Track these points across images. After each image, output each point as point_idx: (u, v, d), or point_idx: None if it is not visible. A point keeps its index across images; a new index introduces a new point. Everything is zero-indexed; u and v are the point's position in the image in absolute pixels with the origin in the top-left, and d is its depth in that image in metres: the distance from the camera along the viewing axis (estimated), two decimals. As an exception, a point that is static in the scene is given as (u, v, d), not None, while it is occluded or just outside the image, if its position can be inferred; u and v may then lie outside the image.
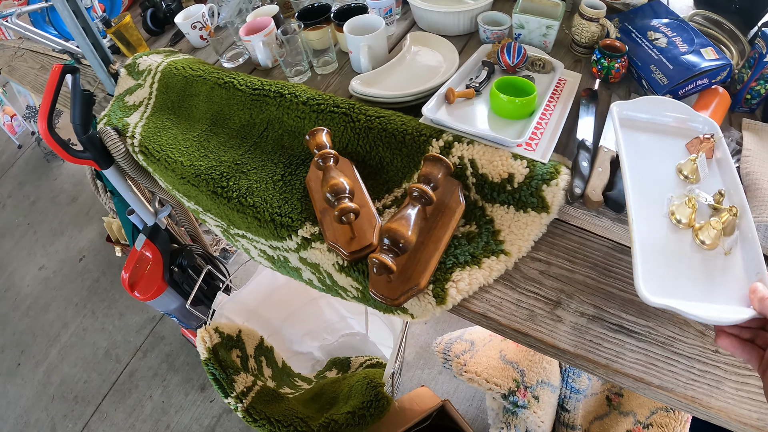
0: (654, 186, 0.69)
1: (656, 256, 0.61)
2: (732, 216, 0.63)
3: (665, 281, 0.59)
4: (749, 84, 0.86)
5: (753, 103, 0.89)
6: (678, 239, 0.64)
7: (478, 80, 0.90)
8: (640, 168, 0.69)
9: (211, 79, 1.08)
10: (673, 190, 0.68)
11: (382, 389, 1.03)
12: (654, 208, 0.66)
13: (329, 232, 0.75)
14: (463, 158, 0.77)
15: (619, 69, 0.91)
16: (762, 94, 0.87)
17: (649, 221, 0.65)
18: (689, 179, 0.69)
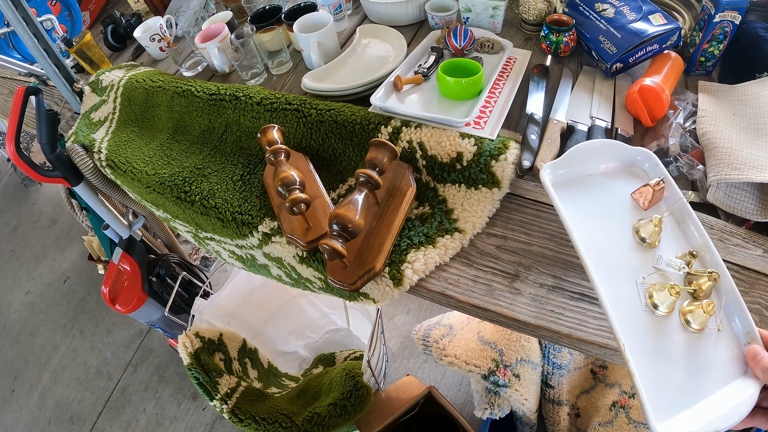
0: (616, 261, 0.60)
1: (654, 367, 0.54)
2: (713, 281, 0.57)
3: (670, 396, 0.53)
4: (702, 46, 0.87)
5: (708, 65, 0.90)
6: (664, 332, 0.57)
7: (426, 65, 0.92)
8: (594, 242, 0.61)
9: (171, 88, 1.09)
10: (640, 267, 0.60)
11: (360, 378, 1.04)
12: (626, 299, 0.58)
13: (286, 225, 0.77)
14: (412, 142, 0.79)
15: (567, 43, 0.93)
16: (716, 55, 0.88)
17: (630, 320, 0.57)
18: (648, 243, 0.62)
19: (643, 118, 0.82)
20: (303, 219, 0.74)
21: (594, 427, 1.25)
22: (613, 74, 0.89)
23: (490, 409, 1.18)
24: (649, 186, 0.64)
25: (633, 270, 0.60)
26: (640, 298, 0.58)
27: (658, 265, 0.61)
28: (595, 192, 0.67)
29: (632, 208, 0.66)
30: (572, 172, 0.67)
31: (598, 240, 0.61)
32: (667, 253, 0.62)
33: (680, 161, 0.77)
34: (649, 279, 0.59)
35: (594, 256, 0.58)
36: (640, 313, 0.57)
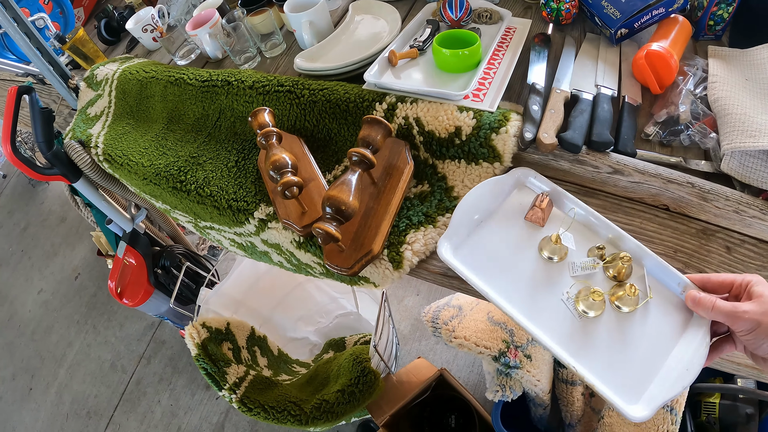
0: (538, 290, 0.63)
1: (610, 365, 0.56)
2: (627, 263, 0.61)
3: (634, 380, 0.55)
4: (710, 9, 0.83)
5: (717, 30, 0.86)
6: (605, 328, 0.59)
7: (421, 39, 0.88)
8: (514, 286, 0.63)
9: (164, 78, 1.07)
10: (560, 283, 0.63)
11: (368, 364, 1.03)
12: (560, 319, 0.60)
13: (281, 210, 0.74)
14: (408, 118, 0.76)
15: (569, 9, 0.89)
16: (725, 18, 0.83)
17: (571, 336, 0.59)
18: (558, 258, 0.65)
19: (651, 84, 0.78)
20: (297, 203, 0.71)
21: (608, 407, 1.23)
22: (618, 40, 0.85)
23: (502, 391, 1.15)
24: (536, 207, 0.67)
25: (555, 289, 0.63)
26: (572, 312, 0.61)
27: (574, 273, 0.64)
28: (495, 237, 0.68)
29: (532, 230, 0.68)
30: (465, 232, 0.67)
31: (515, 280, 0.64)
32: (578, 257, 0.65)
33: (692, 129, 0.73)
34: (572, 291, 0.62)
35: (518, 300, 0.62)
36: (577, 326, 0.60)
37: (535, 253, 0.66)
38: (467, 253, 0.66)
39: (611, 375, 0.55)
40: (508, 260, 0.66)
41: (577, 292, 0.61)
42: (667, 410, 1.12)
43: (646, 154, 0.73)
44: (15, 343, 2.29)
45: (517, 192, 0.72)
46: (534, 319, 0.60)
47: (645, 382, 0.55)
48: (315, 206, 0.73)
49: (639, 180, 0.70)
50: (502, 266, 0.65)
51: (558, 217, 0.69)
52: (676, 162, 0.72)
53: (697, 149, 0.73)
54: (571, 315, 0.60)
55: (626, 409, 0.53)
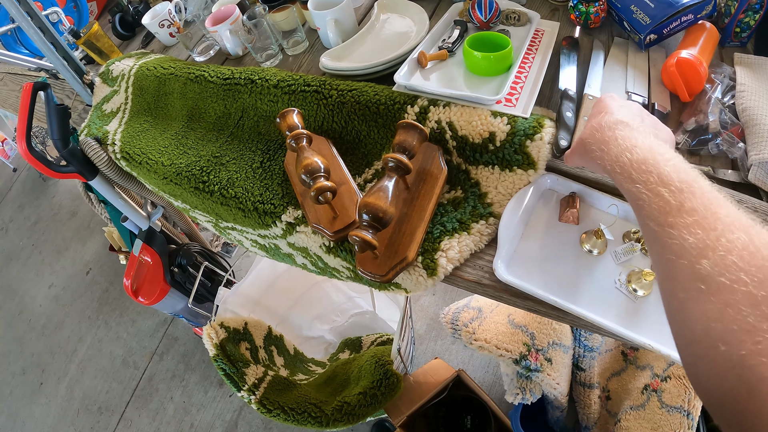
0: (592, 285, 0.66)
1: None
2: None
3: None
4: (737, 16, 0.82)
5: (743, 36, 0.85)
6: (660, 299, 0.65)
7: (450, 40, 0.87)
8: (572, 288, 0.66)
9: (183, 75, 1.06)
10: (610, 272, 0.67)
11: (390, 367, 1.02)
12: (622, 306, 0.64)
13: (311, 214, 0.73)
14: (441, 122, 0.74)
15: (598, 13, 0.87)
16: (752, 25, 0.83)
17: (641, 319, 0.63)
18: (599, 251, 0.69)
19: (681, 92, 0.78)
20: (329, 207, 0.70)
21: (625, 411, 1.22)
22: (647, 46, 0.84)
23: (522, 394, 1.15)
24: (570, 208, 0.70)
25: (606, 280, 0.67)
26: (627, 296, 0.65)
27: (619, 261, 0.68)
28: (537, 244, 0.71)
29: (568, 230, 0.71)
30: (511, 248, 0.70)
31: (570, 281, 0.67)
32: (617, 245, 0.69)
33: (720, 138, 0.72)
34: (622, 277, 0.66)
35: (582, 300, 0.65)
36: (635, 307, 0.64)
37: (578, 251, 0.69)
38: (520, 268, 0.68)
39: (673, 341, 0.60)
40: (556, 263, 0.68)
41: (627, 276, 0.65)
42: (684, 414, 1.12)
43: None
44: (25, 337, 2.29)
45: (542, 197, 0.74)
46: (603, 314, 0.63)
47: None
48: (346, 210, 0.71)
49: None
50: (554, 270, 0.68)
51: (587, 216, 0.72)
52: (704, 171, 0.72)
53: (724, 158, 0.73)
54: (627, 299, 0.64)
55: None
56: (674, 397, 1.13)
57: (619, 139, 0.49)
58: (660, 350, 0.59)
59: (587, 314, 0.63)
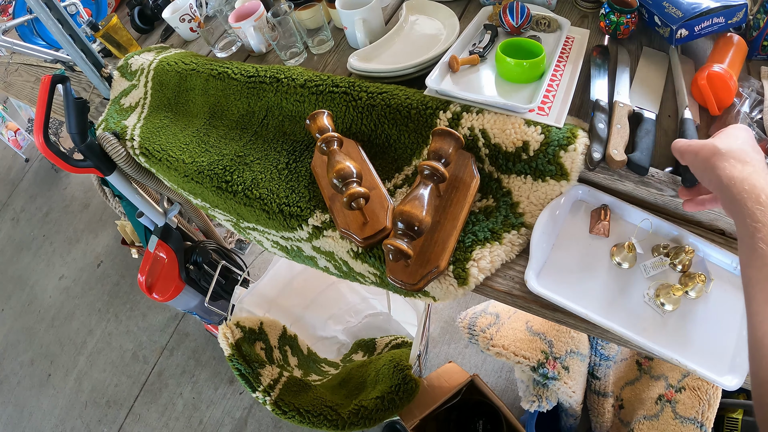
0: (623, 299, 0.67)
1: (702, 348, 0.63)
2: (690, 254, 0.66)
3: (716, 357, 0.62)
4: (766, 30, 0.82)
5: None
6: (688, 314, 0.65)
7: (481, 45, 0.86)
8: (603, 301, 0.67)
9: (205, 71, 1.05)
10: (638, 285, 0.68)
11: (409, 372, 1.01)
12: (649, 320, 0.65)
13: (340, 219, 0.72)
14: (474, 129, 0.73)
15: (628, 25, 0.86)
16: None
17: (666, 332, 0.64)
18: (629, 264, 0.69)
19: (711, 106, 0.77)
20: (360, 213, 0.69)
21: (639, 420, 1.22)
22: (677, 41, 0.83)
23: (538, 401, 1.14)
24: (602, 220, 0.70)
25: (635, 293, 0.67)
26: (655, 310, 0.65)
27: (648, 275, 0.68)
28: (567, 255, 0.71)
29: (598, 242, 0.72)
30: (543, 260, 0.69)
31: (601, 294, 0.67)
32: (647, 259, 0.69)
33: None
34: (650, 291, 0.66)
35: (612, 313, 0.65)
36: (663, 321, 0.64)
37: (608, 263, 0.69)
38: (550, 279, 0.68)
39: (699, 355, 0.61)
40: (586, 275, 0.69)
41: (656, 291, 0.66)
42: (697, 426, 1.11)
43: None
44: (35, 328, 2.29)
45: (572, 208, 0.74)
46: (631, 328, 0.63)
47: (727, 354, 0.61)
48: (376, 216, 0.71)
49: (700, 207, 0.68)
50: (584, 283, 0.68)
51: (617, 229, 0.72)
52: None
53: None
54: (655, 313, 0.65)
55: (721, 380, 0.58)
56: (688, 409, 1.13)
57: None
58: (686, 365, 0.60)
59: (617, 328, 0.63)
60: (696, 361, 0.60)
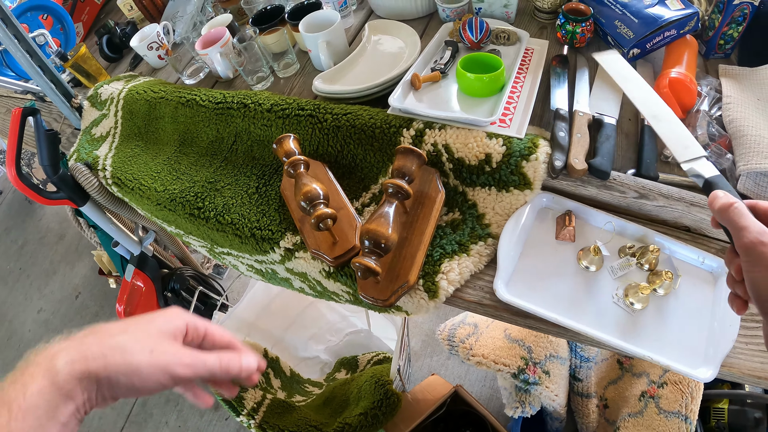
0: (592, 302, 0.68)
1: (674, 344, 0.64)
2: (656, 253, 0.68)
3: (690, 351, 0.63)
4: (721, 29, 0.85)
5: (727, 48, 0.87)
6: (657, 311, 0.67)
7: (442, 62, 0.88)
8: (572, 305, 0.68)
9: (174, 99, 1.06)
10: (606, 287, 0.69)
11: (390, 386, 1.02)
12: (620, 321, 0.66)
13: (310, 240, 0.73)
14: (437, 144, 0.75)
15: (584, 33, 0.89)
16: (735, 37, 0.85)
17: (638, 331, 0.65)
18: (596, 267, 0.71)
19: (676, 111, 0.79)
20: (329, 233, 0.70)
21: (624, 418, 1.23)
22: (631, 60, 0.86)
23: (521, 407, 1.15)
24: (567, 226, 0.72)
25: (603, 295, 0.69)
26: (625, 310, 0.67)
27: (615, 276, 0.70)
28: (535, 262, 0.72)
29: (564, 248, 0.73)
30: (511, 268, 0.71)
31: (570, 298, 0.69)
32: (613, 260, 0.71)
33: (708, 150, 0.74)
34: (619, 291, 0.68)
35: (582, 316, 0.66)
36: (633, 320, 0.66)
37: (575, 268, 0.71)
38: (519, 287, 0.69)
39: (671, 351, 0.62)
40: (554, 281, 0.70)
41: (624, 291, 0.67)
42: (682, 419, 1.13)
43: (668, 177, 0.74)
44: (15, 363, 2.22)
45: (538, 216, 0.75)
46: (603, 329, 0.64)
47: (699, 347, 0.62)
48: (345, 236, 0.72)
49: (664, 204, 0.70)
50: (553, 288, 0.69)
51: (582, 233, 0.74)
52: (694, 183, 0.73)
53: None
54: (625, 312, 0.66)
55: (695, 373, 0.59)
56: (671, 403, 1.14)
57: None
58: (659, 361, 0.61)
59: (588, 330, 0.64)
60: (669, 356, 0.61)
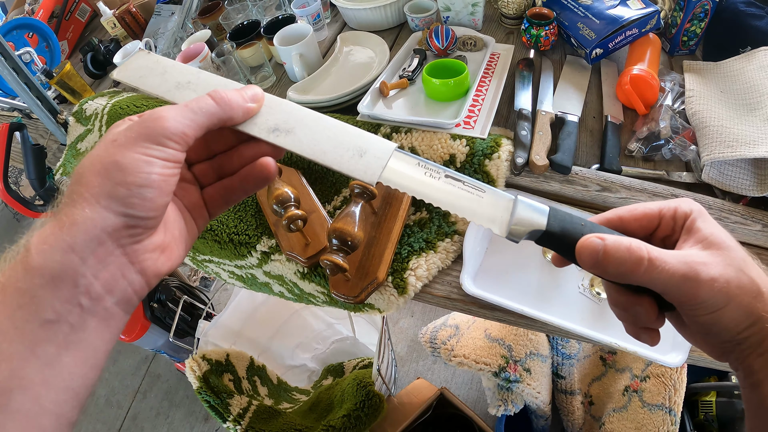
0: (557, 292, 0.71)
1: None
2: None
3: None
4: (683, 26, 0.88)
5: (691, 45, 0.90)
6: None
7: (410, 69, 0.91)
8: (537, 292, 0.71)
9: (155, 112, 1.08)
10: (571, 279, 0.71)
11: (372, 387, 1.04)
12: (587, 309, 0.68)
13: (284, 242, 0.76)
14: (404, 147, 0.78)
15: (548, 36, 0.92)
16: (698, 33, 0.88)
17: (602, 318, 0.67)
18: None
19: (638, 107, 0.82)
20: (301, 235, 0.73)
21: (608, 414, 1.25)
22: (594, 60, 0.89)
23: (504, 405, 1.17)
24: None
25: (569, 285, 0.71)
26: (591, 299, 0.69)
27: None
28: (502, 257, 0.75)
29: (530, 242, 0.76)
30: (477, 262, 0.73)
31: (537, 290, 0.72)
32: None
33: (672, 143, 0.77)
34: (585, 281, 0.71)
35: (549, 307, 0.68)
36: (599, 308, 0.68)
37: (541, 261, 0.74)
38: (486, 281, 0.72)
39: None
40: (521, 274, 0.73)
41: (590, 281, 0.70)
42: (666, 411, 1.15)
43: (631, 170, 0.77)
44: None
45: None
46: (570, 318, 0.65)
47: (668, 334, 0.62)
48: (317, 237, 0.74)
49: (626, 196, 0.73)
50: (520, 281, 0.72)
51: None
52: (659, 176, 0.76)
53: (678, 162, 0.78)
54: (591, 302, 0.69)
55: (665, 359, 0.61)
56: (655, 396, 1.16)
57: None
58: (626, 348, 0.62)
59: (555, 320, 0.66)
60: (638, 343, 0.62)
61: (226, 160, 0.40)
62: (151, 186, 0.31)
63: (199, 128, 0.34)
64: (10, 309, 0.28)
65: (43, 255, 0.28)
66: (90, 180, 0.30)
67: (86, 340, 0.29)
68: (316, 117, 0.38)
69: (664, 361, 0.61)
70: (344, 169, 0.36)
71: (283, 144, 0.37)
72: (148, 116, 0.32)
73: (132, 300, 0.32)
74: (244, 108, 0.37)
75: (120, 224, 0.30)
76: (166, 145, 0.32)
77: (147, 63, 0.41)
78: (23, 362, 0.27)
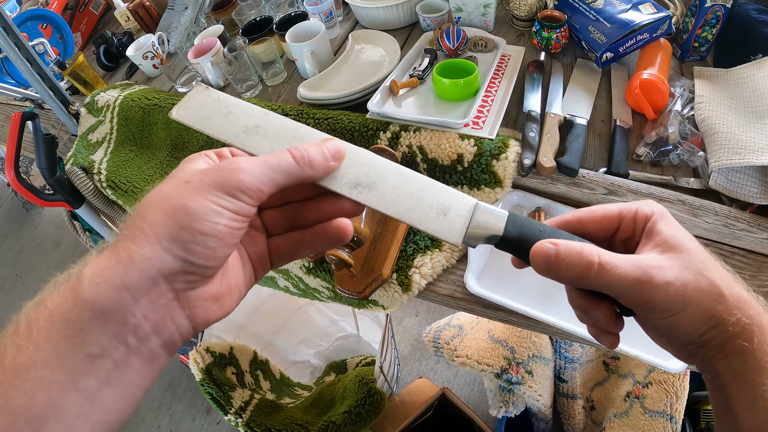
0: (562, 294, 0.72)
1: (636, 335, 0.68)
2: None
3: None
4: (695, 32, 0.87)
5: (702, 51, 0.90)
6: None
7: (420, 68, 0.92)
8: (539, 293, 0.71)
9: (167, 105, 1.09)
10: None
11: (374, 385, 1.04)
12: None
13: (291, 237, 0.76)
14: (412, 146, 0.79)
15: (558, 39, 0.93)
16: (709, 39, 0.88)
17: None
18: None
19: (647, 111, 0.82)
20: (307, 230, 0.74)
21: (609, 419, 1.25)
22: (604, 64, 0.89)
23: (505, 407, 1.17)
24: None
25: None
26: None
27: None
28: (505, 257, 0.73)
29: None
30: (482, 262, 0.74)
31: (539, 290, 0.71)
32: None
33: (680, 149, 0.77)
34: None
35: (550, 307, 0.68)
36: None
37: None
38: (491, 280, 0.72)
39: (642, 342, 0.59)
40: (525, 274, 0.71)
41: None
42: (667, 418, 1.15)
43: (638, 174, 0.77)
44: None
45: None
46: (573, 321, 0.64)
47: None
48: (324, 233, 0.75)
49: (632, 200, 0.73)
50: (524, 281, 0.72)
51: None
52: (666, 181, 0.76)
53: (686, 167, 0.77)
54: None
55: (666, 364, 0.61)
56: (656, 402, 1.15)
57: None
58: (628, 352, 0.62)
59: (558, 322, 0.66)
60: (640, 348, 0.62)
61: (301, 211, 0.37)
62: (216, 236, 0.30)
63: (276, 186, 0.33)
64: (55, 338, 0.27)
65: (96, 289, 0.28)
66: (155, 218, 0.30)
67: (128, 378, 0.29)
68: (395, 169, 0.36)
69: (665, 366, 0.61)
70: (429, 229, 0.36)
71: (366, 201, 0.36)
72: (227, 165, 0.31)
73: (177, 344, 0.31)
74: (326, 167, 0.35)
75: (177, 269, 0.29)
76: (239, 198, 0.31)
77: (207, 101, 0.39)
78: (62, 392, 0.27)
